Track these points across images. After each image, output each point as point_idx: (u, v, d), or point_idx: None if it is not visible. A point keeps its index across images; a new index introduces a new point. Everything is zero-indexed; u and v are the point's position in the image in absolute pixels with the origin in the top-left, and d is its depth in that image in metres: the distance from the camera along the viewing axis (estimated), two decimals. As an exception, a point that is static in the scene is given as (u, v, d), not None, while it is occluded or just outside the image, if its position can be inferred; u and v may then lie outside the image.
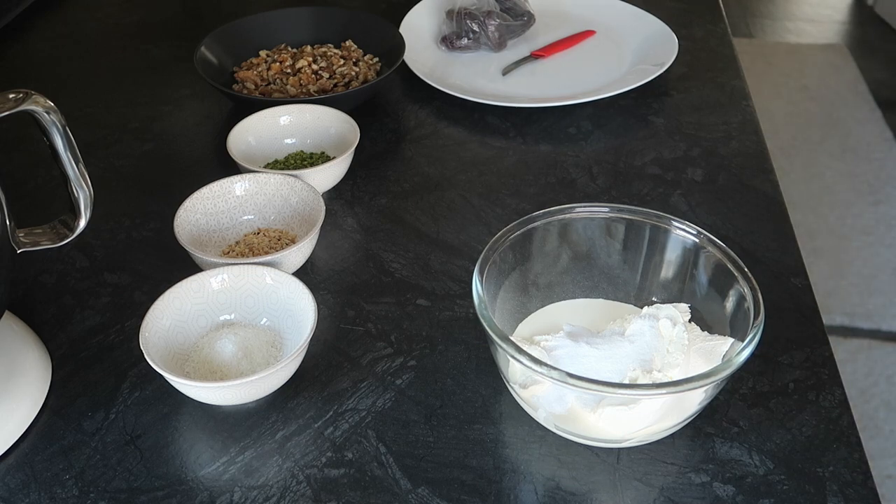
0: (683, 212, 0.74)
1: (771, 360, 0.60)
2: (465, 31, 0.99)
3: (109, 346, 0.62)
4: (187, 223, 0.66)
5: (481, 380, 0.59)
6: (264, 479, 0.52)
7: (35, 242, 0.58)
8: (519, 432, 0.55)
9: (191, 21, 1.10)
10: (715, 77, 0.94)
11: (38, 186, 0.78)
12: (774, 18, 3.05)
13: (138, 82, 0.95)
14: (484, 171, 0.80)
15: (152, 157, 0.82)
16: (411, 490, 0.52)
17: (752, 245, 0.70)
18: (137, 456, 0.54)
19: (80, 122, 0.88)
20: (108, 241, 0.71)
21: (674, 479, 0.52)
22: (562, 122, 0.87)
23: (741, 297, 0.53)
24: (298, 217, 0.69)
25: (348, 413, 0.56)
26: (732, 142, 0.83)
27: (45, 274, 0.68)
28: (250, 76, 0.88)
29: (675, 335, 0.54)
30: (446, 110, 0.89)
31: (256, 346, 0.58)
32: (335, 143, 0.78)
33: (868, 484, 0.51)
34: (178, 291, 0.59)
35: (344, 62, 0.90)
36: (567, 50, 1.00)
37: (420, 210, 0.75)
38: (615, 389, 0.48)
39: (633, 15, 1.04)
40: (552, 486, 0.52)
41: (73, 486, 0.52)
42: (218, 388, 0.53)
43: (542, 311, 0.61)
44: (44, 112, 0.54)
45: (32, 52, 1.02)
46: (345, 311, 0.64)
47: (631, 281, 0.61)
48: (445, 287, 0.66)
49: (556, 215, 0.59)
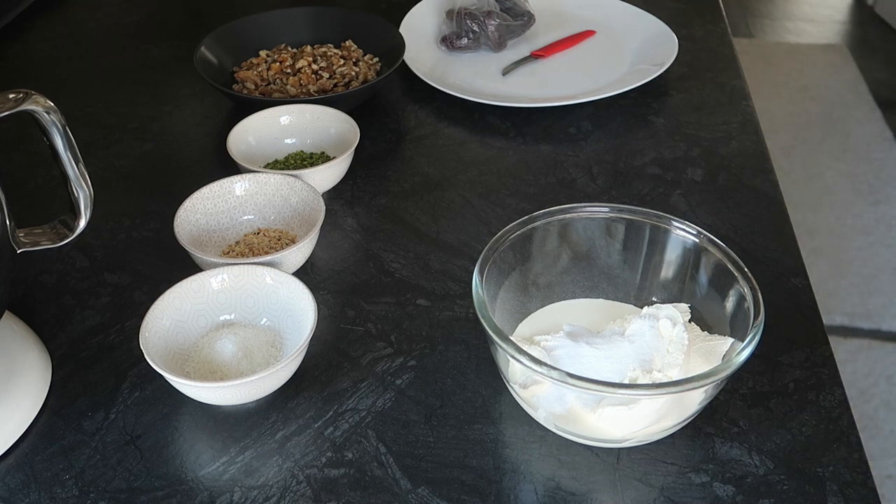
0: (683, 212, 0.74)
1: (771, 360, 0.60)
2: (465, 31, 0.99)
3: (109, 346, 0.62)
4: (187, 223, 0.66)
5: (481, 380, 0.59)
6: (264, 479, 0.52)
7: (35, 242, 0.58)
8: (519, 432, 0.55)
9: (191, 21, 1.10)
10: (715, 77, 0.94)
11: (38, 186, 0.78)
12: (774, 18, 3.05)
13: (138, 82, 0.95)
14: (484, 171, 0.80)
15: (152, 157, 0.82)
16: (411, 490, 0.52)
17: (752, 245, 0.70)
18: (137, 456, 0.54)
19: (80, 121, 0.88)
20: (108, 241, 0.71)
21: (674, 479, 0.52)
22: (562, 122, 0.87)
23: (741, 297, 0.53)
24: (298, 217, 0.69)
25: (348, 413, 0.56)
26: (732, 142, 0.83)
27: (45, 274, 0.68)
28: (250, 76, 0.88)
29: (675, 335, 0.54)
30: (446, 110, 0.89)
31: (256, 346, 0.58)
32: (335, 143, 0.78)
33: (868, 484, 0.51)
34: (178, 291, 0.59)
35: (344, 62, 0.90)
36: (567, 50, 1.00)
37: (420, 210, 0.75)
38: (615, 389, 0.48)
39: (633, 15, 1.04)
40: (552, 486, 0.52)
41: (73, 486, 0.52)
42: (218, 388, 0.53)
43: (542, 311, 0.61)
44: (44, 112, 0.54)
45: (32, 52, 1.02)
46: (345, 311, 0.64)
47: (631, 281, 0.61)
48: (445, 287, 0.66)
49: (557, 215, 0.59)
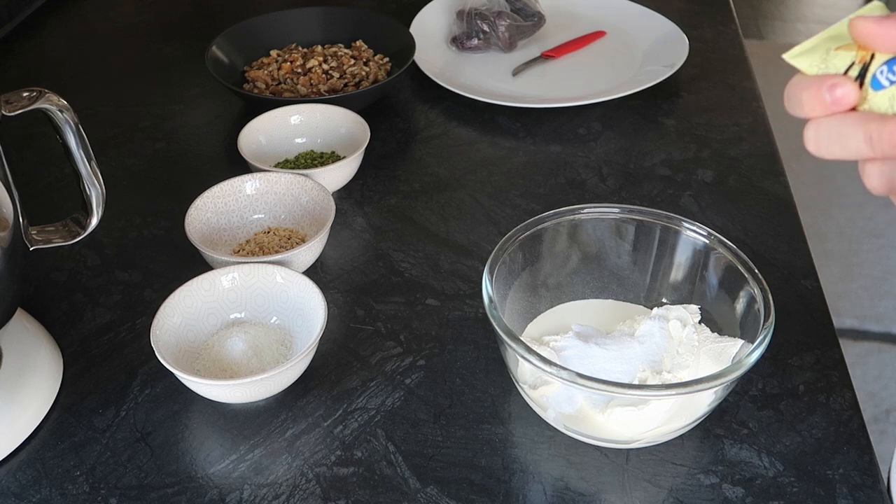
0: (693, 213, 0.74)
1: (781, 362, 0.59)
2: (475, 31, 0.99)
3: (120, 343, 0.62)
4: (198, 222, 0.66)
5: (490, 380, 0.59)
6: (274, 477, 0.52)
7: (47, 240, 0.58)
8: (528, 432, 0.55)
9: (202, 21, 1.10)
10: (725, 78, 0.94)
11: (50, 184, 0.79)
12: (785, 20, 3.04)
13: (150, 81, 0.96)
14: (494, 172, 0.80)
15: (163, 156, 0.83)
16: (420, 489, 0.52)
17: (762, 247, 0.70)
18: (148, 453, 0.54)
19: (92, 120, 0.88)
20: (119, 239, 0.72)
21: (683, 481, 0.52)
22: (572, 122, 0.87)
23: (751, 298, 0.53)
24: (308, 216, 0.69)
25: (357, 412, 0.57)
26: (743, 143, 0.83)
27: (56, 271, 0.68)
28: (261, 76, 0.89)
29: (684, 336, 0.54)
30: (456, 110, 0.89)
31: (266, 345, 0.58)
32: (345, 143, 0.79)
33: (878, 487, 0.51)
34: (189, 289, 0.59)
35: (354, 62, 0.90)
36: (577, 51, 1.00)
37: (430, 210, 0.75)
38: (625, 390, 0.48)
39: (644, 16, 1.04)
40: (561, 486, 0.52)
41: (84, 483, 0.52)
42: (228, 386, 0.53)
43: (552, 311, 0.61)
44: (57, 110, 0.54)
45: (46, 51, 1.02)
46: (354, 310, 0.64)
47: (641, 282, 0.61)
48: (455, 287, 0.66)
49: (566, 216, 0.59)
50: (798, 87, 0.37)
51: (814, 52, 0.37)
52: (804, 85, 0.37)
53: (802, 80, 0.37)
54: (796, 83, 0.37)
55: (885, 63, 0.35)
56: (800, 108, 0.37)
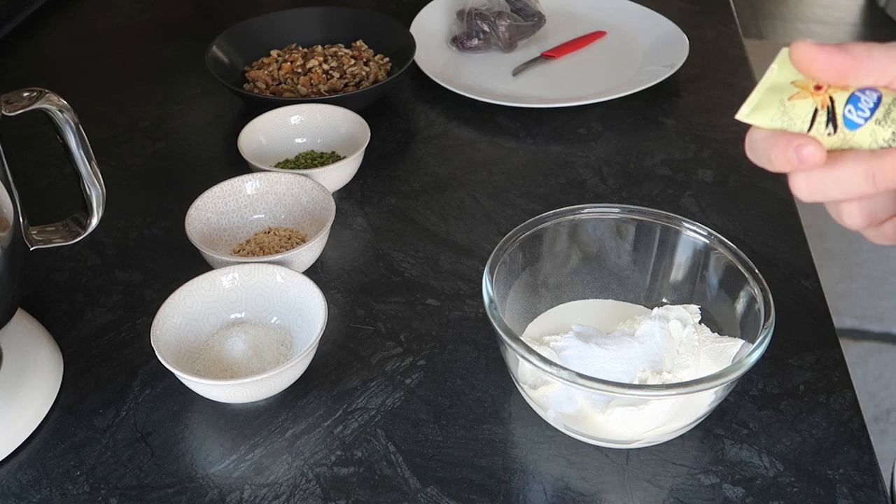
0: (694, 213, 0.74)
1: (781, 362, 0.59)
2: (475, 31, 0.99)
3: (121, 343, 0.62)
4: (198, 222, 0.66)
5: (490, 380, 0.59)
6: (274, 477, 0.52)
7: (48, 240, 0.58)
8: (528, 432, 0.55)
9: (202, 21, 1.10)
10: (726, 78, 0.94)
11: (50, 184, 0.79)
12: (786, 20, 3.04)
13: (150, 81, 0.96)
14: (494, 172, 0.80)
15: (164, 156, 0.83)
16: (420, 489, 0.52)
17: (762, 247, 0.70)
18: (148, 453, 0.54)
19: (93, 120, 0.88)
20: (119, 239, 0.72)
21: (683, 481, 0.52)
22: (572, 122, 0.87)
23: (752, 298, 0.53)
24: (309, 216, 0.69)
25: (358, 412, 0.57)
26: (743, 143, 0.83)
27: (57, 271, 0.68)
28: (261, 76, 0.89)
29: (685, 336, 0.54)
30: (456, 110, 0.89)
31: (266, 345, 0.58)
32: (345, 143, 0.79)
33: (878, 487, 0.51)
34: (189, 289, 0.59)
35: (354, 62, 0.90)
36: (577, 51, 1.00)
37: (430, 210, 0.75)
38: (625, 390, 0.48)
39: (644, 16, 1.04)
40: (561, 486, 0.52)
41: (85, 483, 0.52)
42: (228, 386, 0.53)
43: (552, 311, 0.61)
44: (57, 110, 0.54)
45: (46, 51, 1.02)
46: (354, 310, 0.64)
47: (641, 282, 0.61)
48: (455, 287, 0.66)
49: (566, 216, 0.59)
50: (765, 144, 0.36)
51: (768, 107, 0.36)
52: (771, 142, 0.36)
53: (768, 137, 0.36)
54: (761, 140, 0.36)
55: (848, 101, 0.34)
56: (769, 165, 0.36)
